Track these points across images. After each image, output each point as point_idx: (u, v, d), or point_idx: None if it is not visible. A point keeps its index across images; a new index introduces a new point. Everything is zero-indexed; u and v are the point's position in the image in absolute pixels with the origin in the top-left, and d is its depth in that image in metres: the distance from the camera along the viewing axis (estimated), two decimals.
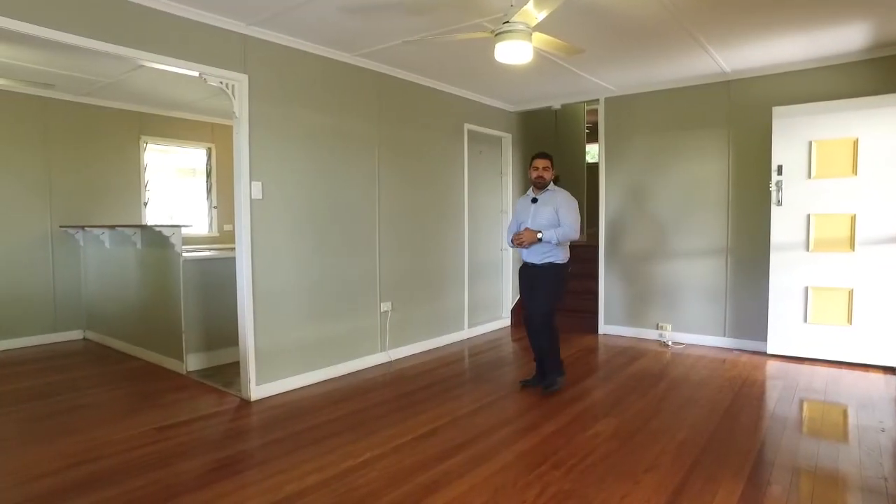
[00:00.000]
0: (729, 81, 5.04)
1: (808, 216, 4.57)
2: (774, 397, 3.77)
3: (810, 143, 4.53)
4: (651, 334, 5.57)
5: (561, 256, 3.88)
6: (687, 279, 5.37)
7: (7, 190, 5.36)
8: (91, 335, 5.77)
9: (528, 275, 3.98)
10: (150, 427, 3.28)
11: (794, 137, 4.57)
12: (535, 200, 3.96)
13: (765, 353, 4.86)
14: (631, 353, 5.07)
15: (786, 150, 4.61)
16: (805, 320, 4.64)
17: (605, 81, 5.29)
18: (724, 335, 5.19)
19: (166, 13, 3.33)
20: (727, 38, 4.04)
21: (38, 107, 5.52)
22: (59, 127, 5.67)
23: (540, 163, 3.94)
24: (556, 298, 3.90)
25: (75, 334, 5.81)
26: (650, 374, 4.37)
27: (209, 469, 2.73)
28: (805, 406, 3.63)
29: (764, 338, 4.88)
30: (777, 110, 4.62)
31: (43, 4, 2.87)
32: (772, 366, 4.56)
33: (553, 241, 3.79)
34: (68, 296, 5.76)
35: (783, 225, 4.67)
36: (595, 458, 2.82)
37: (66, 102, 5.70)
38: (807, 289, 4.61)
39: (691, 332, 5.36)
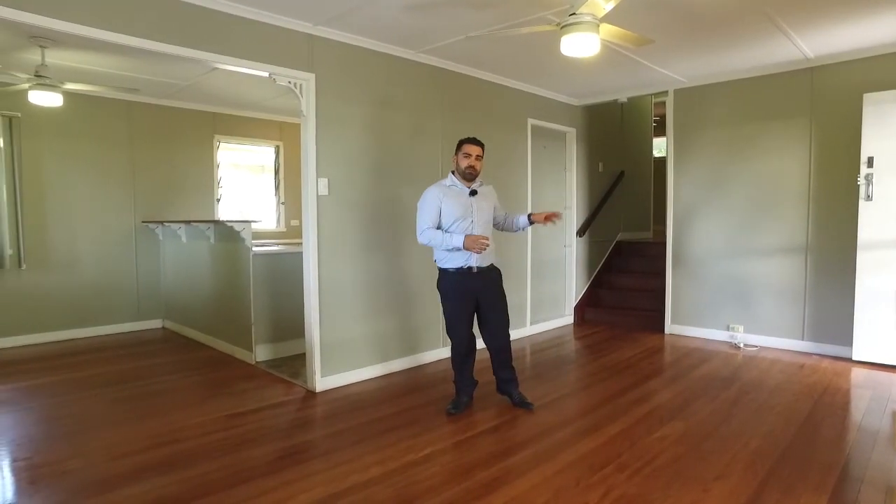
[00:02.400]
0: (812, 68, 4.71)
1: None
2: (862, 408, 3.51)
3: None
4: (721, 335, 5.32)
5: (496, 256, 3.55)
6: (761, 278, 5.08)
7: (98, 188, 5.76)
8: (169, 324, 6.12)
9: (474, 282, 3.37)
10: (222, 414, 3.44)
11: (890, 126, 4.22)
12: (474, 193, 3.40)
13: (849, 360, 4.53)
14: (699, 354, 4.86)
15: (879, 139, 4.27)
16: None
17: (674, 72, 5.08)
18: (803, 338, 4.88)
19: (238, 17, 3.46)
20: (811, 20, 3.77)
21: (124, 110, 5.89)
22: (142, 128, 6.04)
23: (473, 149, 3.36)
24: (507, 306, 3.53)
25: (155, 323, 6.18)
26: (720, 377, 4.18)
27: (277, 457, 2.83)
28: None
29: (849, 342, 4.55)
30: (869, 97, 4.28)
31: (129, 16, 3.05)
32: (858, 373, 4.25)
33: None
34: (149, 287, 6.14)
35: (873, 221, 4.33)
36: (661, 463, 2.72)
37: (149, 105, 6.05)
38: None
39: (765, 334, 5.08)
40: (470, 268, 3.34)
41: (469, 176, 3.37)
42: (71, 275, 5.61)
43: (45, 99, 4.42)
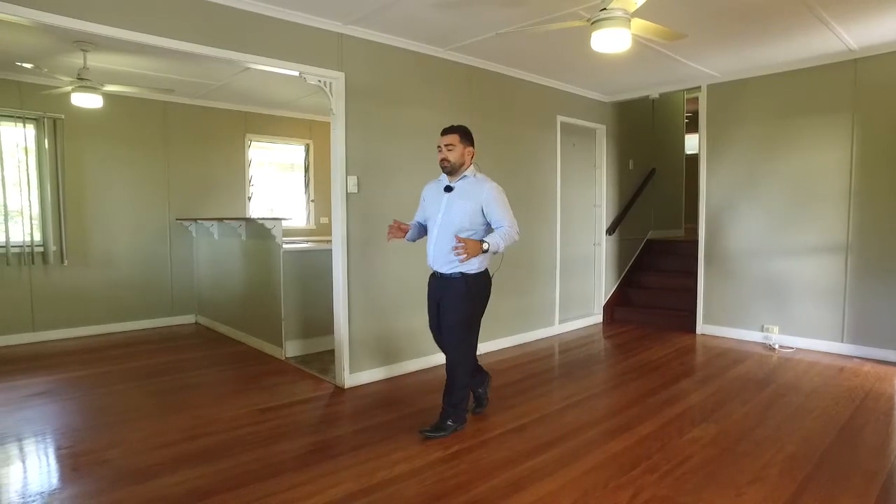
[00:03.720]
0: (856, 60, 4.55)
1: None
2: None
3: None
4: (755, 336, 5.19)
5: (477, 264, 2.98)
6: (798, 278, 4.93)
7: (135, 187, 5.93)
8: (202, 320, 6.25)
9: (435, 288, 3.11)
10: (253, 408, 3.51)
11: None
12: (448, 189, 3.02)
13: (894, 364, 4.37)
14: (732, 355, 4.75)
15: None
16: None
17: (708, 67, 4.96)
18: (842, 341, 4.72)
19: (270, 17, 3.51)
20: (856, 9, 3.62)
21: (160, 110, 6.05)
22: (176, 128, 6.18)
23: (442, 140, 2.98)
24: (470, 322, 3.04)
25: (188, 318, 6.32)
26: (754, 378, 4.07)
27: (306, 451, 2.87)
28: None
29: (893, 346, 4.39)
30: None
31: (166, 19, 3.13)
32: None
33: (500, 249, 2.89)
34: (183, 283, 6.28)
35: None
36: (692, 465, 2.67)
37: (183, 105, 6.20)
38: None
39: (802, 335, 4.93)
40: (433, 270, 3.12)
41: (445, 170, 3.03)
42: (109, 271, 5.78)
43: (87, 101, 4.57)
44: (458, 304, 3.01)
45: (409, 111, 4.27)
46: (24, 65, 4.28)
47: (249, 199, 6.87)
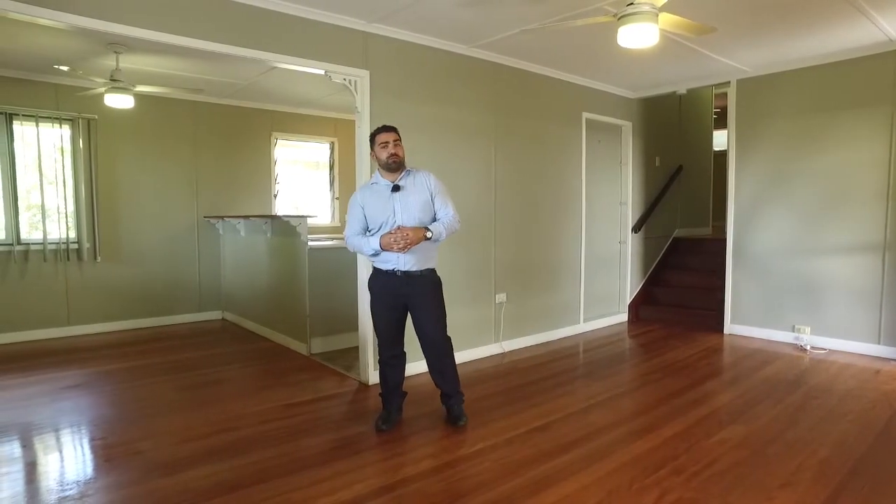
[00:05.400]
0: None
1: None
2: None
3: None
4: (786, 337, 5.06)
5: (436, 256, 3.14)
6: (832, 277, 4.80)
7: (164, 185, 6.06)
8: (228, 316, 6.36)
9: (399, 289, 3.01)
10: (278, 403, 3.55)
11: None
12: (396, 188, 2.99)
13: None
14: (762, 355, 4.65)
15: None
16: None
17: (737, 62, 4.85)
18: (879, 342, 4.58)
19: (296, 17, 3.55)
20: None
21: (189, 110, 6.16)
22: (205, 127, 6.30)
23: (389, 136, 2.97)
24: (444, 311, 3.13)
25: (215, 315, 6.44)
26: (784, 380, 3.98)
27: (331, 447, 2.90)
28: None
29: None
30: None
31: (196, 21, 3.19)
32: None
33: (442, 239, 3.00)
34: (210, 279, 6.40)
35: None
36: (721, 467, 2.62)
37: (212, 104, 6.30)
38: None
39: (835, 336, 4.79)
40: (392, 272, 3.00)
41: (393, 166, 2.97)
42: (140, 267, 5.92)
43: (119, 101, 4.68)
44: (434, 298, 3.09)
45: (433, 109, 4.27)
46: (61, 67, 4.42)
47: (275, 196, 6.96)
